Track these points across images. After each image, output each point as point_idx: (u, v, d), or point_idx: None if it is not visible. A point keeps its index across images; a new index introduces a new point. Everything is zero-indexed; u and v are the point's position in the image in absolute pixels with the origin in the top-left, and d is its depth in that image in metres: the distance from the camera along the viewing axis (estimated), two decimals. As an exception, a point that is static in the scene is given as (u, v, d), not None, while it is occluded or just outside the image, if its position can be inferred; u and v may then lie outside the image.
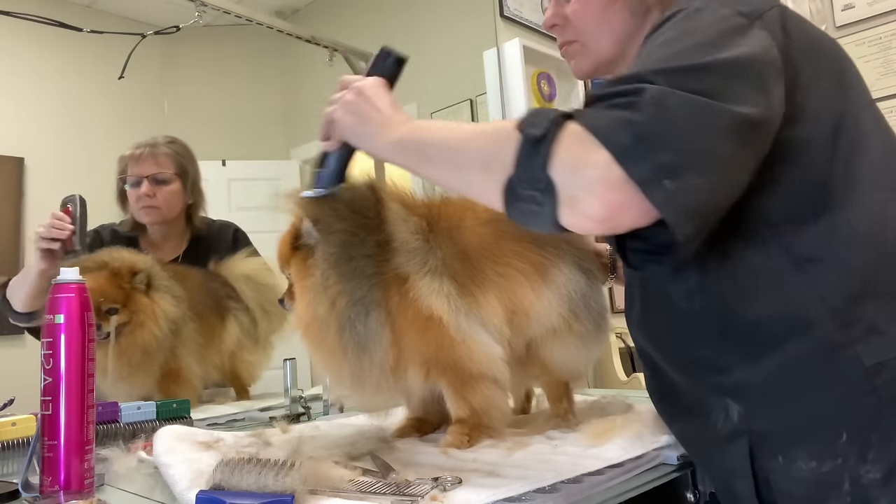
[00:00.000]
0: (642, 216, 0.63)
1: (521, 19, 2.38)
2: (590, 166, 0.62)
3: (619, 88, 0.66)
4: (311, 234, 0.93)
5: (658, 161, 0.61)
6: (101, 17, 2.02)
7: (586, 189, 0.63)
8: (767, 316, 0.72)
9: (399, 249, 0.93)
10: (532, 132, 0.66)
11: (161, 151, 1.59)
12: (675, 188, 0.61)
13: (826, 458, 0.68)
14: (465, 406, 0.97)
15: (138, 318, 1.34)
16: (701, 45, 0.69)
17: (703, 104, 0.63)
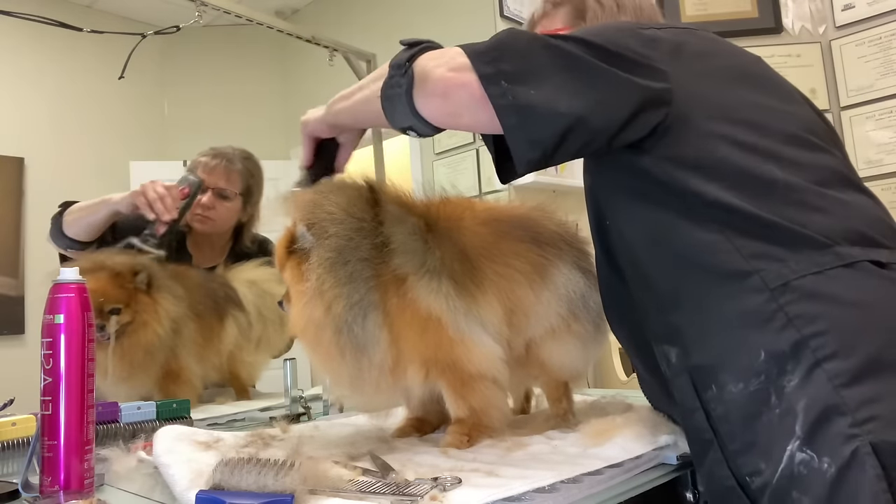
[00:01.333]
0: (479, 104, 0.77)
1: (521, 19, 2.38)
2: (443, 57, 0.80)
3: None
4: (305, 237, 0.93)
5: (501, 67, 0.77)
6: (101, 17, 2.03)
7: (434, 69, 0.79)
8: (675, 257, 0.82)
9: (397, 250, 0.93)
10: (408, 41, 0.85)
11: (235, 168, 1.62)
12: (508, 88, 0.76)
13: (751, 378, 0.73)
14: (464, 406, 0.97)
15: (141, 318, 1.34)
16: (597, 36, 0.82)
17: (556, 43, 0.79)
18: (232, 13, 1.64)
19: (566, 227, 1.12)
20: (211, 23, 1.64)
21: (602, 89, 0.78)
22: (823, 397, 0.69)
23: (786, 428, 0.70)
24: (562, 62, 0.79)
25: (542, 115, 0.77)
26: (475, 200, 1.15)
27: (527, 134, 0.77)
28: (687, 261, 0.80)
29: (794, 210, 0.78)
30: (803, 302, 0.73)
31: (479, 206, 1.08)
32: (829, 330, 0.71)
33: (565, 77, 0.78)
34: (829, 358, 0.70)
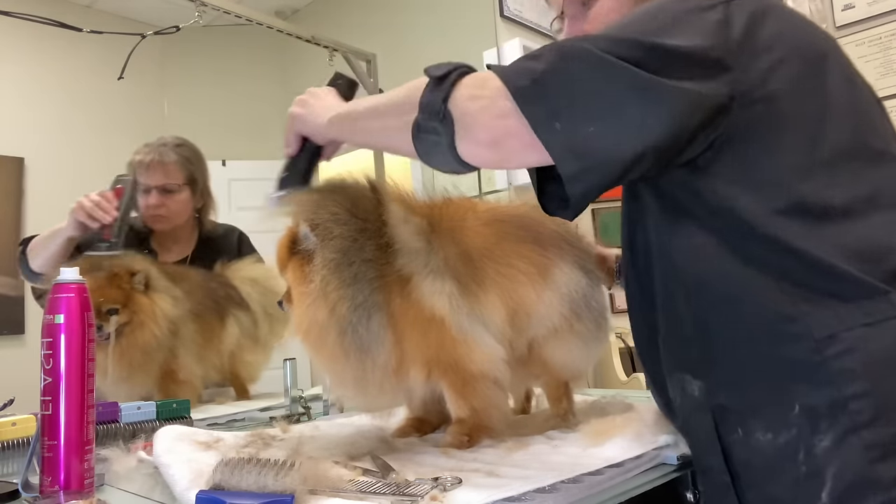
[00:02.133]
0: (529, 149, 0.70)
1: (521, 19, 2.38)
2: (483, 97, 0.71)
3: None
4: (308, 238, 0.92)
5: (550, 105, 0.68)
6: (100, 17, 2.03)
7: (477, 114, 0.71)
8: (723, 290, 0.74)
9: (401, 251, 0.93)
10: (437, 72, 0.75)
11: (170, 159, 1.59)
12: (563, 129, 0.67)
13: (781, 430, 0.69)
14: (465, 406, 0.97)
15: (138, 319, 1.34)
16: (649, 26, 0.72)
17: (610, 62, 0.68)
18: (232, 13, 1.64)
19: (568, 227, 1.12)
20: (211, 23, 1.64)
21: (667, 110, 0.68)
22: (856, 468, 0.64)
23: (811, 491, 0.66)
24: (617, 85, 0.68)
25: (604, 160, 0.68)
26: (477, 201, 1.15)
27: (587, 181, 0.69)
28: (728, 296, 0.74)
29: (852, 245, 0.70)
30: (848, 357, 0.67)
31: (482, 207, 1.08)
32: (871, 392, 0.66)
33: (624, 103, 0.68)
34: (867, 425, 0.65)
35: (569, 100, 0.68)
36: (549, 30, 2.51)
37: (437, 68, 0.75)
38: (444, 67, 0.75)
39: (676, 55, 0.69)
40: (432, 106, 0.73)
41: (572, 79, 0.69)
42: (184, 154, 1.62)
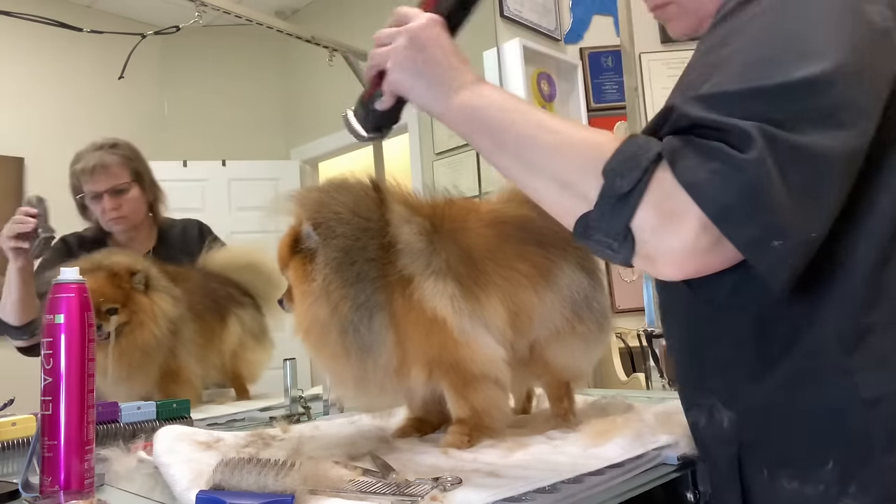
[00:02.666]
0: (725, 266, 0.60)
1: (521, 19, 2.38)
2: (676, 234, 0.58)
3: (717, 121, 0.58)
4: (311, 237, 0.92)
5: (766, 222, 0.56)
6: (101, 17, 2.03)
7: (667, 254, 0.60)
8: (776, 331, 0.68)
9: (403, 251, 0.93)
10: (620, 186, 0.60)
11: (111, 161, 1.57)
12: (786, 248, 0.57)
13: (809, 482, 0.66)
14: (465, 406, 0.97)
15: (138, 318, 1.34)
16: (808, 36, 0.60)
17: (814, 154, 0.57)
18: (232, 13, 1.64)
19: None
20: (211, 23, 1.64)
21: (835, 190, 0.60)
22: None
23: None
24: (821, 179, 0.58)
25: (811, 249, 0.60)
26: (479, 202, 1.15)
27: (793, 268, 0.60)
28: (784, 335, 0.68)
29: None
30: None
31: (484, 208, 1.08)
32: None
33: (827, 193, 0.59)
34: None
35: (785, 208, 0.56)
36: (548, 30, 2.52)
37: (621, 173, 0.60)
38: (630, 173, 0.60)
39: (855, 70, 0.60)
40: (612, 228, 0.61)
41: (781, 188, 0.56)
42: (123, 153, 1.60)
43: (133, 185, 1.59)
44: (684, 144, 0.59)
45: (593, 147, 0.64)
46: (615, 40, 2.48)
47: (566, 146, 0.66)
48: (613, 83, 2.61)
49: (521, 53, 2.20)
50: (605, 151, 0.62)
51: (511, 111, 0.70)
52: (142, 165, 1.63)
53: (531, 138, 0.68)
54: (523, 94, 2.19)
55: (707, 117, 0.59)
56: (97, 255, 1.39)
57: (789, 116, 0.57)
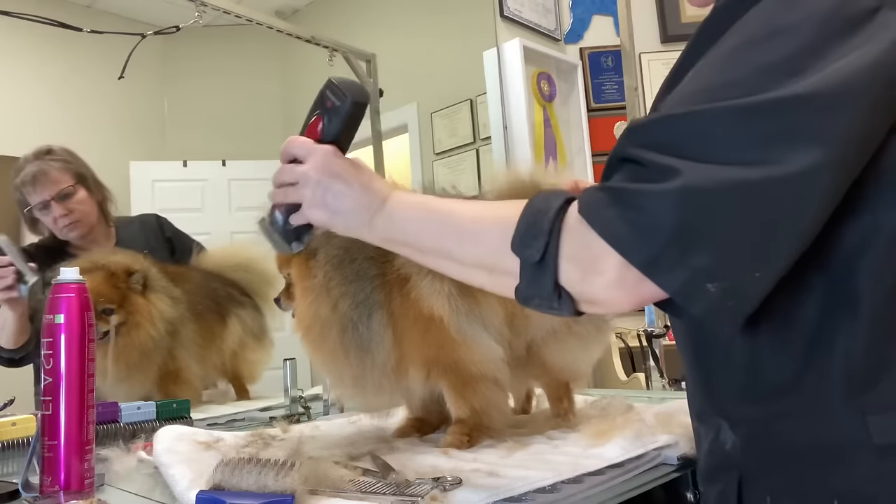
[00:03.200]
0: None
1: (521, 19, 2.38)
2: (601, 274, 0.56)
3: (639, 157, 0.55)
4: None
5: (695, 265, 0.52)
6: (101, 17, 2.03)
7: (604, 296, 0.58)
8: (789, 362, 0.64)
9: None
10: (531, 255, 0.59)
11: (51, 168, 1.54)
12: (721, 290, 0.53)
13: None
14: (465, 406, 0.97)
15: (134, 319, 1.34)
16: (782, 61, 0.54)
17: (754, 184, 0.52)
18: (232, 13, 1.64)
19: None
20: (211, 23, 1.64)
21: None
22: None
23: None
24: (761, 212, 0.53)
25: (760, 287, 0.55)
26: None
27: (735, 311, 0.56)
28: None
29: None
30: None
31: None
32: None
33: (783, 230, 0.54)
34: None
35: (715, 254, 0.52)
36: (548, 29, 2.52)
37: (528, 244, 0.60)
38: (536, 241, 0.59)
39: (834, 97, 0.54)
40: (542, 293, 0.60)
41: (711, 228, 0.52)
42: (60, 157, 1.57)
43: (78, 187, 1.55)
44: (602, 193, 0.57)
45: (504, 225, 0.63)
46: (615, 40, 2.48)
47: (482, 234, 0.66)
48: (613, 83, 2.61)
49: (521, 53, 2.20)
50: (510, 229, 0.62)
51: (427, 221, 0.70)
52: (82, 167, 1.59)
53: (451, 239, 0.68)
54: (523, 94, 2.19)
55: (630, 152, 0.57)
56: (97, 255, 1.39)
57: (718, 145, 0.53)
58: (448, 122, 2.57)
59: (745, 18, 0.59)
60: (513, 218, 0.62)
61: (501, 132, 2.20)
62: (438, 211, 0.70)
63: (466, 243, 0.67)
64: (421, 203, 0.72)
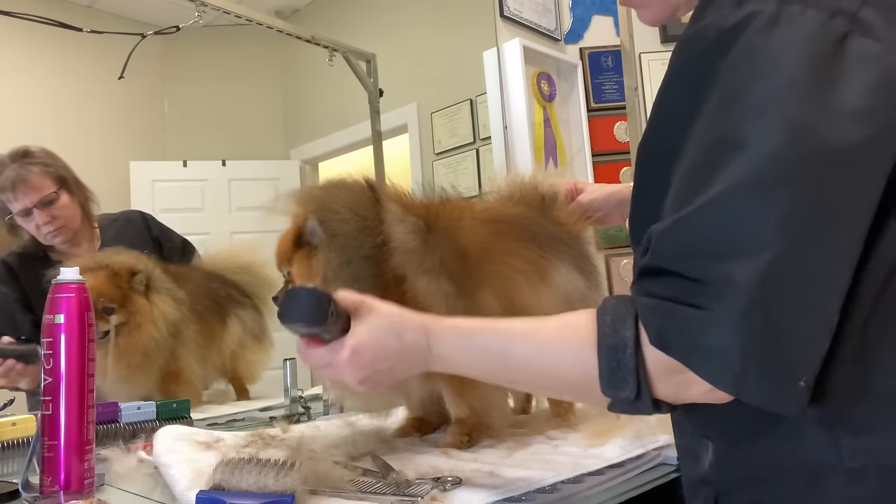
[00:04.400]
0: None
1: (521, 19, 2.38)
2: (693, 388, 0.57)
3: (689, 275, 0.55)
4: (316, 233, 0.93)
5: (779, 373, 0.53)
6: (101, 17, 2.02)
7: (697, 400, 0.60)
8: None
9: (397, 250, 0.93)
10: (626, 397, 0.60)
11: (30, 173, 1.48)
12: (811, 377, 0.53)
13: None
14: (464, 406, 0.97)
15: (135, 320, 1.33)
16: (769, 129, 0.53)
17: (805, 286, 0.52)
18: (232, 13, 1.64)
19: (566, 228, 1.12)
20: (211, 23, 1.64)
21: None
22: None
23: None
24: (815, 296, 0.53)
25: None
26: (474, 201, 1.15)
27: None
28: None
29: None
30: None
31: (479, 207, 1.09)
32: None
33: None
34: None
35: (794, 360, 0.53)
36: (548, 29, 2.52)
37: (619, 387, 0.59)
38: (625, 385, 0.59)
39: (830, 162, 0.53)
40: (641, 413, 0.62)
41: (781, 339, 0.53)
42: (39, 160, 1.51)
43: (60, 192, 1.50)
44: (665, 318, 0.57)
45: (575, 362, 0.63)
46: (615, 40, 2.48)
47: (552, 372, 0.66)
48: (613, 83, 2.61)
49: (521, 53, 2.20)
50: (588, 363, 0.61)
51: (483, 361, 0.69)
52: (62, 170, 1.53)
53: (515, 373, 0.68)
54: (523, 94, 2.19)
55: (676, 269, 0.56)
56: (102, 254, 1.39)
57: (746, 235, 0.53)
58: (448, 122, 2.57)
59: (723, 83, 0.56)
60: (580, 351, 0.61)
61: (501, 132, 2.20)
62: (492, 352, 0.68)
63: (533, 380, 0.69)
64: (469, 344, 0.69)
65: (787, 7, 0.54)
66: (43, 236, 1.48)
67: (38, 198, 1.47)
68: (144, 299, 1.36)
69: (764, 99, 0.53)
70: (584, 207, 1.17)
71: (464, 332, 0.70)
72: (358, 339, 0.68)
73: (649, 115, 0.67)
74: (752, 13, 0.55)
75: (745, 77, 0.55)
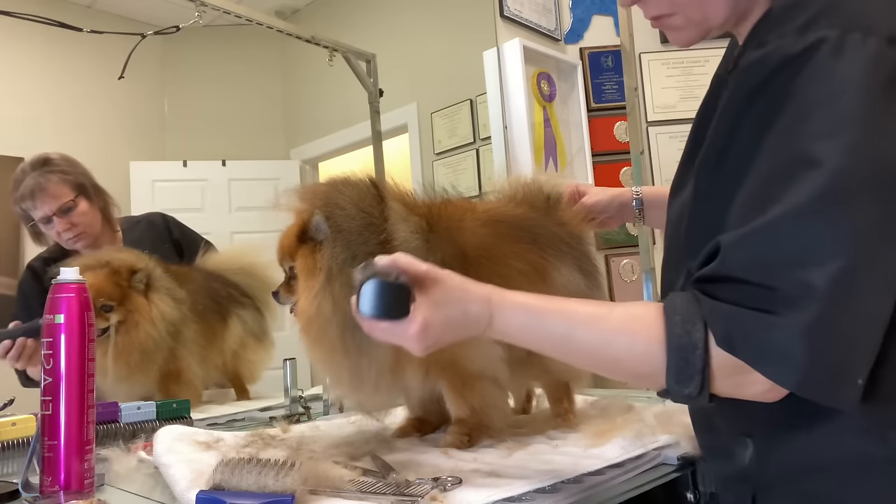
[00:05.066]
0: None
1: (521, 19, 2.38)
2: (753, 387, 0.61)
3: (764, 282, 0.58)
4: (321, 229, 0.92)
5: (845, 375, 0.58)
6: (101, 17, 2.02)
7: (753, 398, 0.63)
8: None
9: (399, 248, 0.93)
10: (689, 393, 0.63)
11: (49, 181, 1.50)
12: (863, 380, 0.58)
13: None
14: (464, 406, 0.97)
15: (133, 318, 1.33)
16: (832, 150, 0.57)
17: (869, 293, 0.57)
18: (232, 13, 1.64)
19: (567, 229, 1.12)
20: (211, 23, 1.64)
21: None
22: None
23: None
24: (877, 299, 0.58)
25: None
26: (476, 202, 1.15)
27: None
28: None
29: None
30: None
31: (480, 208, 1.08)
32: None
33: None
34: None
35: (858, 362, 0.58)
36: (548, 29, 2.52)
37: (684, 382, 0.63)
38: (690, 383, 0.63)
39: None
40: (698, 405, 0.68)
41: (851, 343, 0.58)
42: (58, 167, 1.53)
43: (79, 199, 1.52)
44: (733, 322, 0.60)
45: (642, 355, 0.66)
46: (615, 40, 2.48)
47: (614, 356, 0.69)
48: (613, 83, 2.61)
49: (521, 53, 2.20)
50: (655, 357, 0.64)
51: (545, 339, 0.72)
52: (81, 176, 1.55)
53: (576, 355, 0.71)
54: (523, 94, 2.19)
55: (747, 278, 0.59)
56: (102, 252, 1.39)
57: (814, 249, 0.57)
58: (448, 122, 2.57)
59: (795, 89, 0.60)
60: (649, 345, 0.65)
61: (501, 132, 2.20)
62: (555, 334, 0.70)
63: (593, 363, 0.71)
64: (533, 324, 0.71)
65: (850, 35, 0.59)
66: (64, 242, 1.51)
67: (57, 206, 1.50)
68: (143, 298, 1.36)
69: (833, 121, 0.58)
70: (588, 210, 1.18)
71: (528, 311, 0.71)
72: (426, 315, 0.70)
73: (711, 132, 0.69)
74: (818, 40, 0.60)
75: (815, 100, 0.59)
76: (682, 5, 0.75)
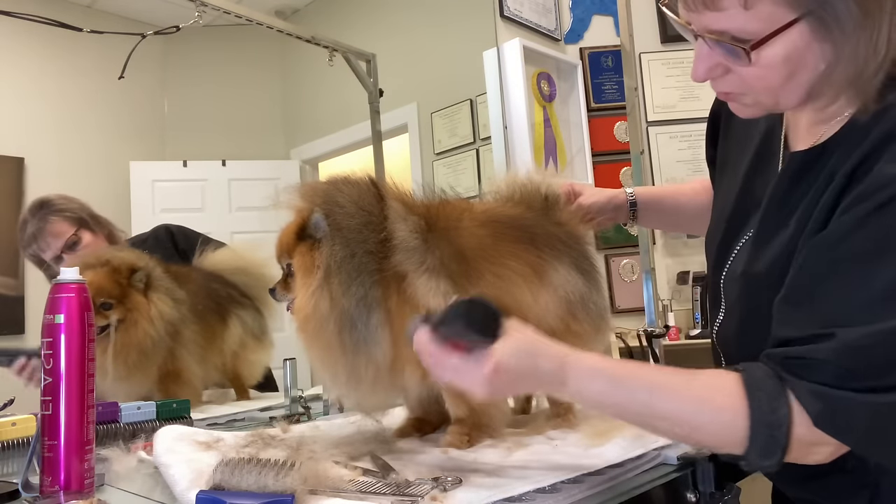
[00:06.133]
0: None
1: (521, 19, 2.38)
2: (818, 453, 0.69)
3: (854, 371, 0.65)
4: (320, 226, 0.93)
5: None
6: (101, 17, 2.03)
7: (814, 462, 0.70)
8: None
9: (398, 247, 0.93)
10: (768, 466, 0.68)
11: (49, 223, 1.55)
12: None
13: None
14: (463, 406, 0.97)
15: (132, 317, 1.34)
16: None
17: None
18: (232, 13, 1.64)
19: (566, 228, 1.12)
20: (211, 23, 1.64)
21: None
22: None
23: None
24: None
25: None
26: (474, 202, 1.15)
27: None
28: None
29: None
30: None
31: (478, 208, 1.08)
32: None
33: None
34: None
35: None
36: (548, 29, 2.52)
37: (766, 455, 0.68)
38: (772, 457, 0.68)
39: None
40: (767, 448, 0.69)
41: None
42: (55, 207, 1.57)
43: (81, 233, 1.57)
44: (823, 402, 0.66)
45: (726, 426, 0.69)
46: (615, 40, 2.49)
47: (693, 428, 0.71)
48: (613, 83, 2.61)
49: (521, 53, 2.20)
50: (739, 430, 0.68)
51: (622, 405, 0.74)
52: (79, 210, 1.60)
53: (655, 421, 0.73)
54: (523, 94, 2.19)
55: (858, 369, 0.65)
56: (104, 250, 1.40)
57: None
58: (448, 122, 2.57)
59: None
60: (734, 419, 0.68)
61: (501, 132, 2.20)
62: (635, 402, 0.72)
63: (673, 431, 0.74)
64: (612, 392, 0.73)
65: None
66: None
67: (62, 243, 1.55)
68: (143, 297, 1.36)
69: None
70: (586, 209, 1.18)
71: (607, 378, 0.73)
72: (501, 359, 0.70)
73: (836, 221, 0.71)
74: None
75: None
76: (757, 90, 0.75)
